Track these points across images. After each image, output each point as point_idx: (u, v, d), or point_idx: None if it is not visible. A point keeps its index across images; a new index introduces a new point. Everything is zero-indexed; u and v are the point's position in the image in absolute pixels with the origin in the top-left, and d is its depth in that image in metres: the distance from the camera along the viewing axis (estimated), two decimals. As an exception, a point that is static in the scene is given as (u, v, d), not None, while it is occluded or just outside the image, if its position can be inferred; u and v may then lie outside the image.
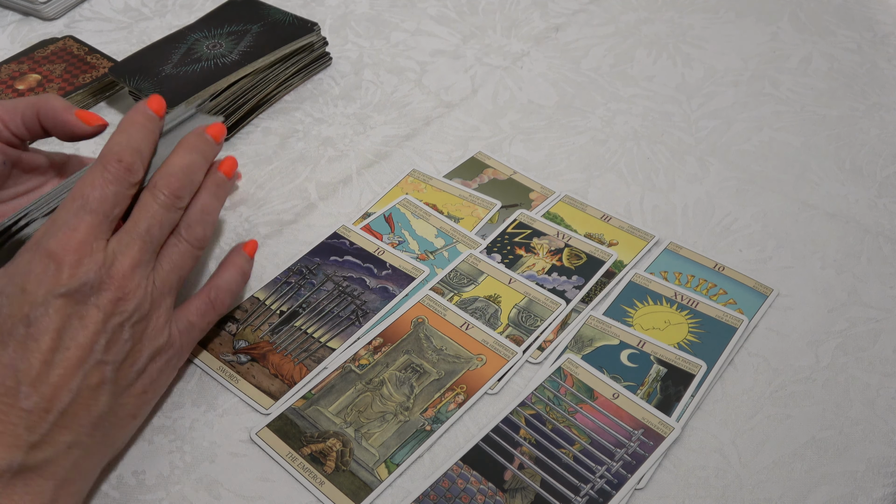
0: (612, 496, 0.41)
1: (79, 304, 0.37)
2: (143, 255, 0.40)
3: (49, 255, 0.37)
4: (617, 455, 0.43)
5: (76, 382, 0.36)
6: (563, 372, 0.46)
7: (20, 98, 0.46)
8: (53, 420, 0.36)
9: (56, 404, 0.36)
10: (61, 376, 0.36)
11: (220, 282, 0.46)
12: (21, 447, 0.35)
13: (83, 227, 0.38)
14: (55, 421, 0.36)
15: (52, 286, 0.36)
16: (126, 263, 0.39)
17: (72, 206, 0.38)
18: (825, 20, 0.75)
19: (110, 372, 0.38)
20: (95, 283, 0.37)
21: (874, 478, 0.42)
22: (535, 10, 0.77)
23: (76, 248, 0.37)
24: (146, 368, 0.41)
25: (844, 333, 0.48)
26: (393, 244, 0.54)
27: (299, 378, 0.47)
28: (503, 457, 0.43)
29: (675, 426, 0.43)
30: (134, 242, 0.40)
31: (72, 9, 0.78)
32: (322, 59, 0.69)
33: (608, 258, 0.53)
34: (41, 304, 0.36)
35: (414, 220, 0.56)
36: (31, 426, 0.35)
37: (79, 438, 0.37)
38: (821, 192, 0.58)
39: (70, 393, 0.36)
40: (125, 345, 0.39)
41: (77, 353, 0.37)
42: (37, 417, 0.35)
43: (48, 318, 0.36)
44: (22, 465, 0.35)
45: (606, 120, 0.64)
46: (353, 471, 0.42)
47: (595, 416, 0.44)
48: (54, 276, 0.36)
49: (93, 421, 0.38)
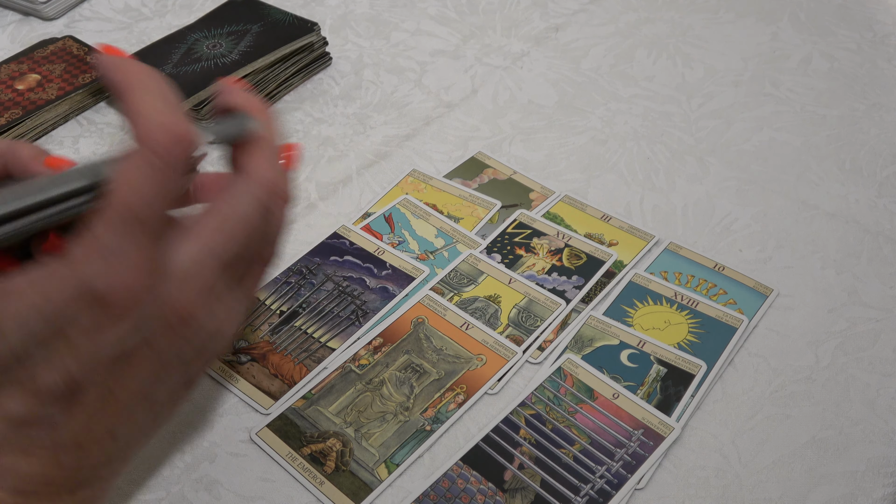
0: (612, 496, 0.41)
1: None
2: (218, 281, 0.30)
3: (95, 298, 0.27)
4: (617, 455, 0.43)
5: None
6: (563, 372, 0.46)
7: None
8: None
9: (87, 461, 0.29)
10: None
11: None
12: None
13: (135, 254, 0.27)
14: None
15: (99, 340, 0.27)
16: (192, 293, 0.29)
17: (116, 220, 0.27)
18: (825, 20, 0.75)
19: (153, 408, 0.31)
20: (149, 325, 0.28)
21: (874, 478, 0.42)
22: (535, 10, 0.77)
23: (128, 285, 0.27)
24: (190, 377, 0.32)
25: (844, 333, 0.48)
26: (393, 244, 0.54)
27: (299, 378, 0.47)
28: (503, 457, 0.43)
29: (675, 426, 0.43)
30: (211, 268, 0.29)
31: (72, 9, 0.78)
32: (322, 59, 0.69)
33: (608, 258, 0.53)
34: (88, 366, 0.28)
35: (414, 220, 0.56)
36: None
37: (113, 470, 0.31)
38: (821, 192, 0.58)
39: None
40: (174, 378, 0.31)
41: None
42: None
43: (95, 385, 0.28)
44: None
45: (606, 120, 0.64)
46: (353, 471, 0.42)
47: (595, 416, 0.44)
48: (102, 323, 0.27)
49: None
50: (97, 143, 0.63)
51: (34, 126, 0.63)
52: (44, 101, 0.64)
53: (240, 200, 0.30)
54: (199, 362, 0.32)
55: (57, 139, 0.63)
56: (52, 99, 0.64)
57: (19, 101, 0.64)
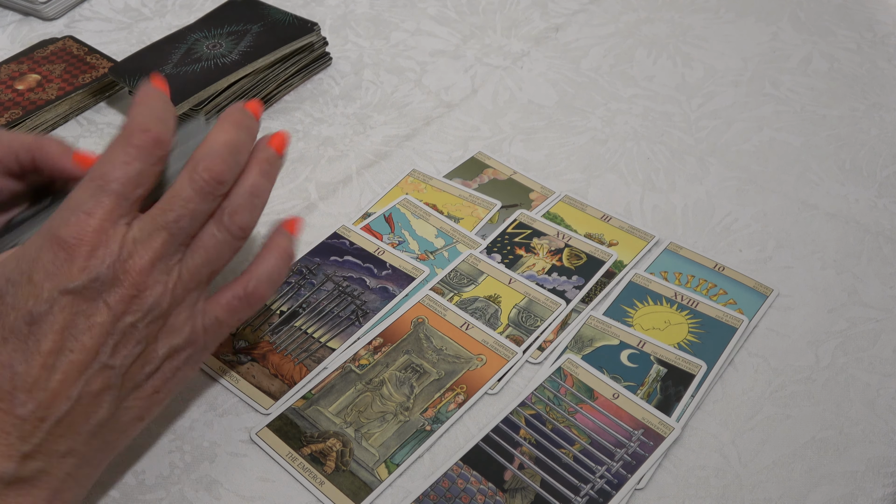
0: (612, 496, 0.41)
1: (87, 301, 0.34)
2: (168, 248, 0.36)
3: (60, 243, 0.33)
4: (617, 455, 0.43)
5: (77, 389, 0.34)
6: (563, 372, 0.46)
7: (16, 135, 0.43)
8: (49, 429, 0.33)
9: (53, 412, 0.33)
10: (61, 382, 0.33)
11: (259, 270, 0.40)
12: (14, 457, 0.33)
13: (100, 212, 0.34)
14: (50, 429, 0.33)
15: (60, 281, 0.33)
16: (146, 257, 0.35)
17: (89, 187, 0.34)
18: (825, 20, 0.75)
19: (115, 377, 0.35)
20: (108, 279, 0.34)
21: (874, 478, 0.42)
22: (535, 10, 0.77)
23: (91, 236, 0.33)
24: (160, 367, 0.37)
25: (844, 333, 0.48)
26: (393, 244, 0.54)
27: (299, 378, 0.47)
28: (503, 457, 0.43)
29: (675, 426, 0.43)
30: (158, 233, 0.35)
31: (72, 9, 0.78)
32: (322, 59, 0.69)
33: (608, 258, 0.53)
34: (46, 301, 0.33)
35: (414, 220, 0.56)
36: (24, 435, 0.33)
37: (75, 447, 0.35)
38: (821, 192, 0.58)
39: (69, 400, 0.34)
40: (136, 347, 0.35)
41: (80, 356, 0.34)
42: (31, 426, 0.33)
43: (52, 316, 0.33)
44: (14, 476, 0.33)
45: (606, 120, 0.64)
46: (353, 471, 0.42)
47: (595, 416, 0.44)
48: (64, 268, 0.33)
49: (91, 429, 0.35)
50: (97, 142, 0.63)
51: (34, 126, 0.63)
52: (44, 101, 0.64)
53: (179, 181, 0.37)
54: (160, 347, 0.37)
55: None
56: (52, 99, 0.64)
57: (19, 101, 0.64)
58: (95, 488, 0.42)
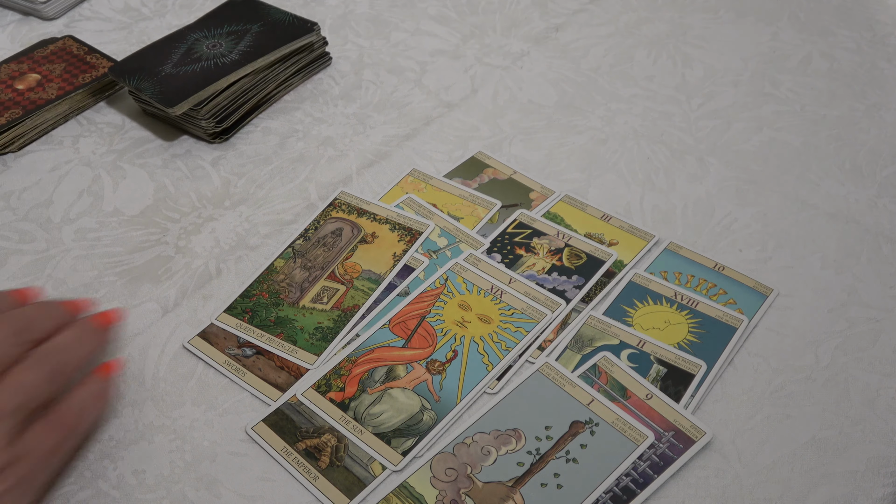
0: (636, 495, 0.41)
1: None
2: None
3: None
4: (645, 455, 0.42)
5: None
6: (598, 369, 0.46)
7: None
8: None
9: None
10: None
11: (65, 404, 0.40)
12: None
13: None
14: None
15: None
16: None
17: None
18: (825, 20, 0.75)
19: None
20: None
21: (874, 478, 0.42)
22: (535, 9, 0.77)
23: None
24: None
25: (844, 333, 0.48)
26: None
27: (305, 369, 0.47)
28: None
29: (707, 431, 0.43)
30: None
31: (72, 9, 0.78)
32: (322, 58, 0.69)
33: (608, 258, 0.53)
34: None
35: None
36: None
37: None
38: (821, 192, 0.58)
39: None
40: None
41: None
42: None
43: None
44: None
45: (606, 120, 0.64)
46: (347, 466, 0.42)
47: (626, 413, 0.44)
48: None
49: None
50: (97, 142, 0.63)
51: (34, 126, 0.63)
52: (44, 101, 0.64)
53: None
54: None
55: (57, 139, 0.64)
56: (52, 99, 0.64)
57: (19, 101, 0.64)
58: (96, 488, 0.42)
